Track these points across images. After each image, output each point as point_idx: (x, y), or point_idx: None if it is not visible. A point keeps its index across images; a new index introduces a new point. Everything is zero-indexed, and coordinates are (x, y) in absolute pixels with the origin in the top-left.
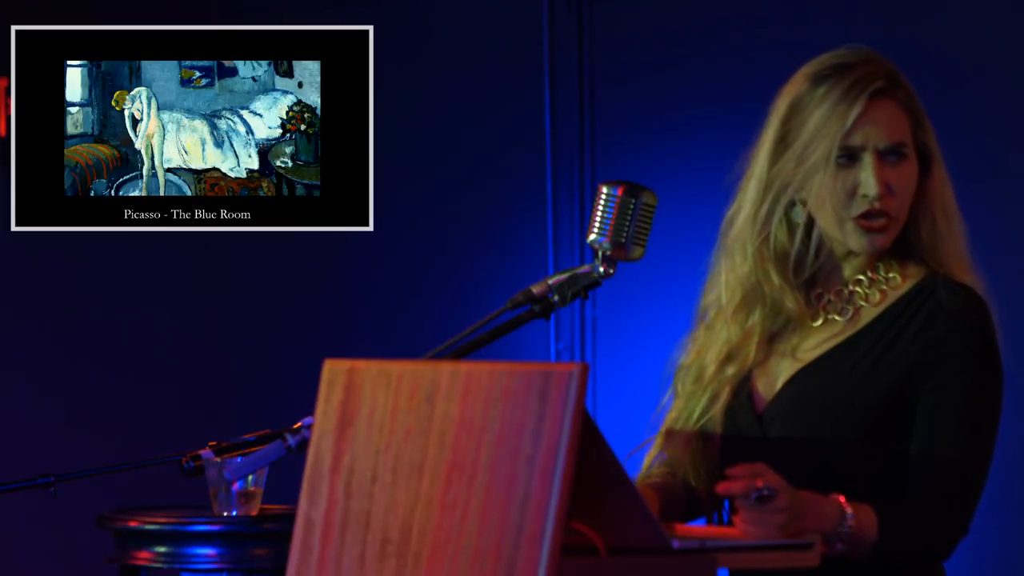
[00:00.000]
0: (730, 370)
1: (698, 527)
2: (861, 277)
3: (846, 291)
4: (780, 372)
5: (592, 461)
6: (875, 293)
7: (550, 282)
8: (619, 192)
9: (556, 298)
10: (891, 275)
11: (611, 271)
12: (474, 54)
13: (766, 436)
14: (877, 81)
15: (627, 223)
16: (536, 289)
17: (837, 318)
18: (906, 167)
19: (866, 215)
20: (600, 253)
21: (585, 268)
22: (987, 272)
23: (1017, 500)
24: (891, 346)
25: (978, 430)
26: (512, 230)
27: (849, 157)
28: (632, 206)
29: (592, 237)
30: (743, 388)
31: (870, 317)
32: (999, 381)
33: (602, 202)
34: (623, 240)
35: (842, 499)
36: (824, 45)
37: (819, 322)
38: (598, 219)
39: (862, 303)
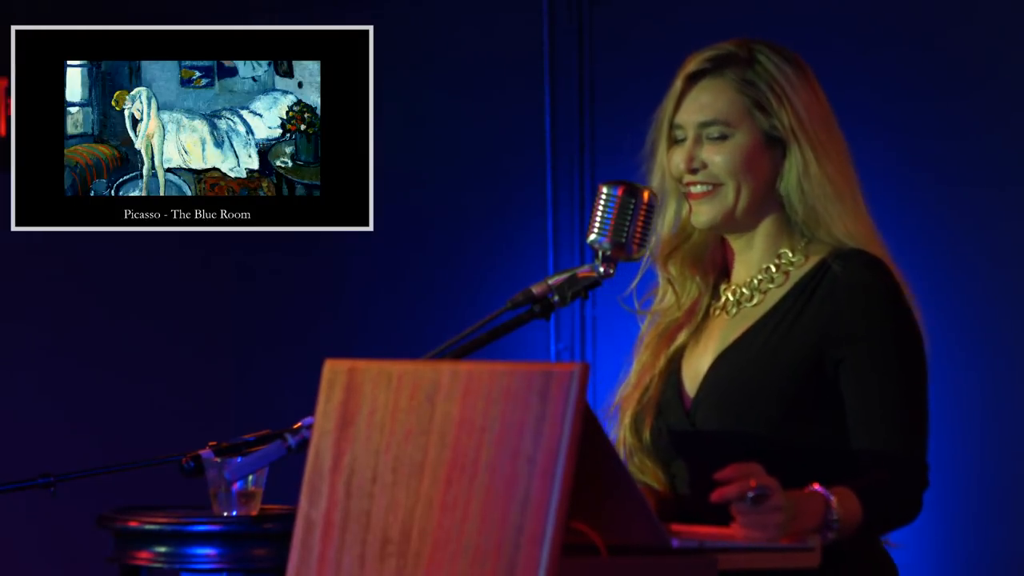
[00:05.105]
0: (658, 367)
1: (698, 527)
2: (767, 265)
3: (754, 280)
4: (701, 366)
5: (593, 460)
6: (780, 276)
7: (550, 282)
8: (619, 192)
9: (556, 298)
10: (795, 258)
11: (611, 271)
12: (474, 55)
13: (694, 427)
14: (701, 64)
15: (627, 223)
16: (536, 289)
17: (748, 306)
18: (730, 144)
19: (688, 186)
20: (600, 253)
21: (585, 268)
22: (988, 273)
23: (1016, 498)
24: (795, 321)
25: (908, 385)
26: (512, 231)
27: (679, 137)
28: (632, 206)
29: (592, 237)
30: (670, 385)
31: (776, 298)
32: (914, 329)
33: (602, 202)
34: (623, 240)
35: (819, 488)
36: (824, 47)
37: (734, 313)
38: (598, 219)
39: (769, 286)
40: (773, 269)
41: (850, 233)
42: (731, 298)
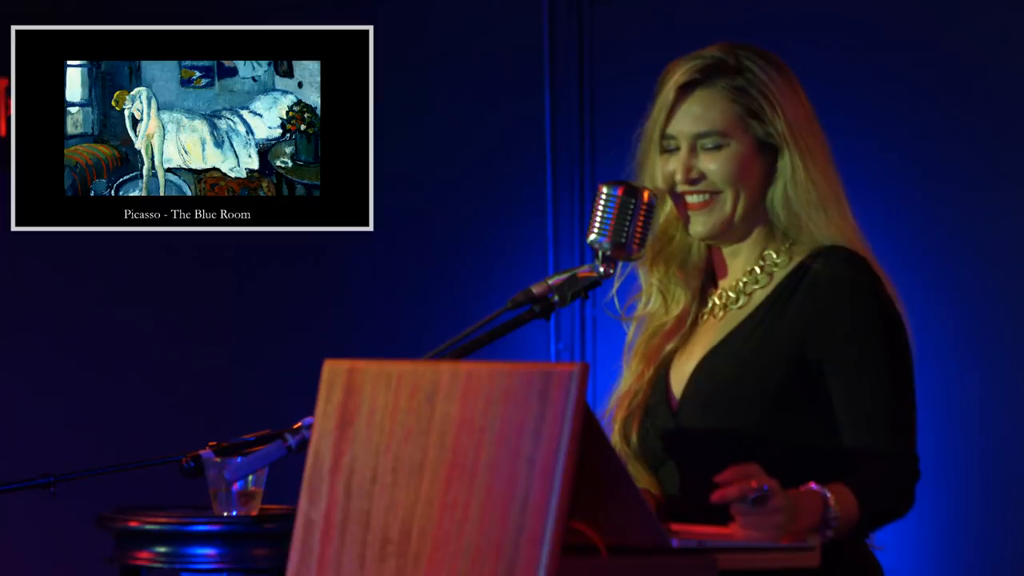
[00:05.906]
0: (648, 374)
1: (698, 527)
2: (752, 268)
3: (740, 283)
4: (688, 369)
5: (593, 460)
6: (764, 277)
7: (550, 282)
8: (619, 192)
9: (556, 298)
10: (779, 259)
11: (611, 271)
12: (474, 54)
13: (680, 428)
14: (690, 74)
15: (627, 223)
16: (536, 289)
17: (735, 309)
18: (725, 153)
19: (685, 196)
20: (600, 253)
21: (585, 268)
22: (988, 273)
23: (1016, 498)
24: (777, 320)
25: (895, 378)
26: (512, 230)
27: (671, 147)
28: (632, 206)
29: (592, 237)
30: (658, 389)
31: (760, 299)
32: (896, 322)
33: (602, 202)
34: (623, 240)
35: (816, 486)
36: (823, 49)
37: (721, 316)
38: (598, 219)
39: (754, 288)
40: (758, 271)
41: (831, 237)
42: (718, 302)
